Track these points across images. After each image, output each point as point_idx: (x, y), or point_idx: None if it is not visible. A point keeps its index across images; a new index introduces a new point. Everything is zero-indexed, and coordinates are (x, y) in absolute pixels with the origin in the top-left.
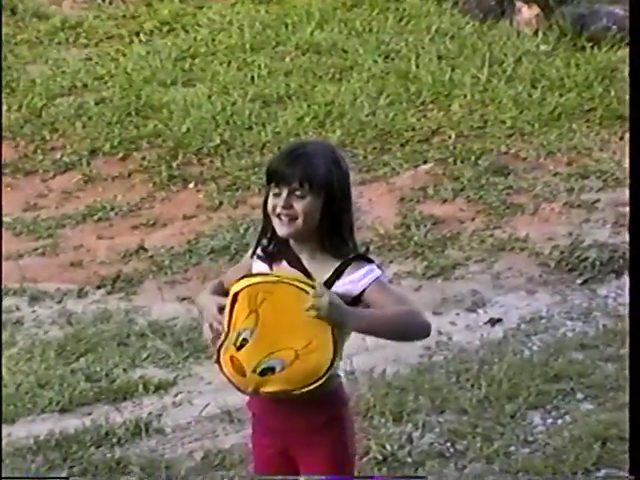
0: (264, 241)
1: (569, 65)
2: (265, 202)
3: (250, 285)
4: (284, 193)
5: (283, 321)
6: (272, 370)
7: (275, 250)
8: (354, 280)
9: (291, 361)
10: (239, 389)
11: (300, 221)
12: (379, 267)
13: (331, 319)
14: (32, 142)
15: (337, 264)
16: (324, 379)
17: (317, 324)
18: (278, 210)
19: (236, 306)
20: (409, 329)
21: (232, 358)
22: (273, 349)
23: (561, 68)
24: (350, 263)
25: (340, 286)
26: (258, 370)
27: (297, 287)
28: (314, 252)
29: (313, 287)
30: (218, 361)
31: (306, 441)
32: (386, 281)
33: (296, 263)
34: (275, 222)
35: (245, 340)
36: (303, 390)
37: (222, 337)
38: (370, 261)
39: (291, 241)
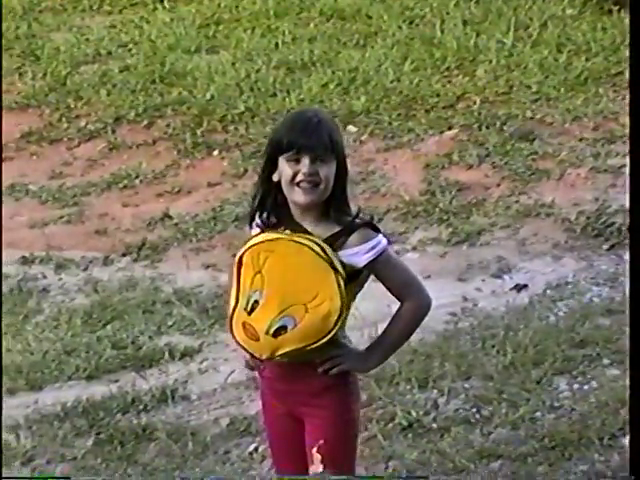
0: (261, 211)
1: (595, 29)
2: (265, 173)
3: (251, 247)
4: (306, 160)
5: (288, 277)
6: (284, 329)
7: (275, 220)
8: (359, 252)
9: (301, 316)
10: (254, 356)
11: (323, 187)
12: (385, 236)
13: (355, 370)
14: (57, 110)
15: (340, 229)
16: (335, 330)
17: (321, 276)
18: (300, 178)
19: (242, 270)
20: (417, 325)
21: (244, 324)
22: (283, 307)
23: (587, 32)
24: (356, 229)
25: (345, 256)
26: (271, 331)
27: (296, 242)
28: (317, 219)
29: (315, 242)
30: (231, 331)
31: (308, 403)
32: (392, 252)
33: (299, 231)
34: (294, 191)
35: (256, 302)
36: (316, 345)
37: (232, 304)
38: (377, 230)
39: (293, 209)
